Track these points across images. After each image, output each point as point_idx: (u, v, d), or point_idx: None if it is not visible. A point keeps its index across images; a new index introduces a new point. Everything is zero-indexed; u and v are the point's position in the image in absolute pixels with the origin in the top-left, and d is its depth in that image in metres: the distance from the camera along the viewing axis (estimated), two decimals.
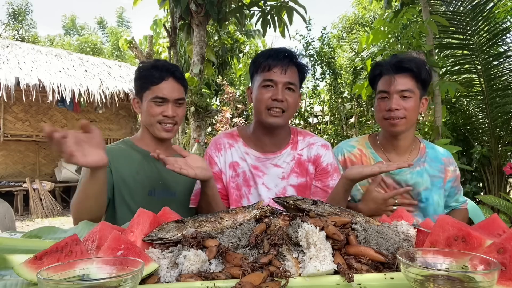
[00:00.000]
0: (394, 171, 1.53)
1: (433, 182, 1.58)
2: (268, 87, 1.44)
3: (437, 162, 1.61)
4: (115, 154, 1.53)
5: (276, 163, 1.54)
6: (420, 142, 1.66)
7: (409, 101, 1.50)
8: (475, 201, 3.09)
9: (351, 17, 11.73)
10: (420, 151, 1.62)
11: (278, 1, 4.49)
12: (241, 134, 1.61)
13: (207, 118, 5.75)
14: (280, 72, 1.42)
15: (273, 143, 1.55)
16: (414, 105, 1.50)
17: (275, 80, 1.43)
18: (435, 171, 1.60)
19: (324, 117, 9.97)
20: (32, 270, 0.70)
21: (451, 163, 1.64)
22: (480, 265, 0.62)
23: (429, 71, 1.54)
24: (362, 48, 4.71)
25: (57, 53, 8.88)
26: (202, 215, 0.95)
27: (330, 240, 0.78)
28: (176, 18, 5.34)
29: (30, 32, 19.97)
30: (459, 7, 3.99)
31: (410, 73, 1.50)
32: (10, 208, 2.22)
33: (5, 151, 8.38)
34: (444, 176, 1.61)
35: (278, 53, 1.45)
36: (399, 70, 1.50)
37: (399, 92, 1.49)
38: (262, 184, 1.53)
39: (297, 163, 1.56)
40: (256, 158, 1.54)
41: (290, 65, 1.45)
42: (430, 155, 1.62)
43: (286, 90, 1.45)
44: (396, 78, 1.49)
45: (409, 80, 1.50)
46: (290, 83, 1.44)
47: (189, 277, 0.72)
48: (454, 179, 1.64)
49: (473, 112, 4.65)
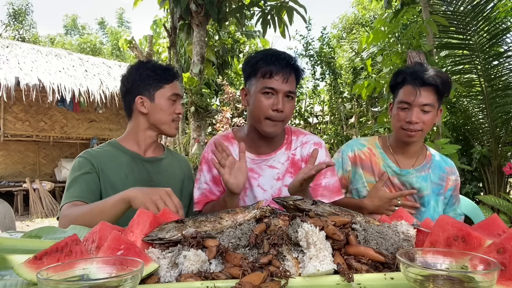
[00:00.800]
0: (401, 172, 1.62)
1: (433, 189, 1.65)
2: (268, 94, 1.39)
3: (440, 170, 1.67)
4: (102, 158, 1.51)
5: (271, 164, 1.53)
6: (427, 149, 1.72)
7: (428, 115, 1.53)
8: (475, 201, 3.09)
9: (351, 17, 11.74)
10: (427, 157, 1.68)
11: (278, 1, 4.49)
12: (236, 137, 1.59)
13: (207, 118, 5.75)
14: (282, 81, 1.38)
15: (268, 145, 1.54)
16: (432, 118, 1.54)
17: (276, 89, 1.38)
18: (436, 179, 1.66)
19: (324, 117, 9.97)
20: (32, 270, 0.70)
21: (453, 173, 1.70)
22: (480, 265, 0.62)
23: (451, 85, 1.57)
24: (362, 48, 4.70)
25: (57, 53, 8.88)
26: (202, 215, 0.95)
27: (330, 240, 0.78)
28: (176, 18, 5.34)
29: (31, 32, 19.98)
30: (459, 7, 3.99)
31: (434, 88, 1.51)
32: (10, 208, 2.22)
33: (5, 151, 8.38)
34: (445, 184, 1.67)
35: (279, 59, 1.39)
36: (424, 84, 1.51)
37: (420, 106, 1.51)
38: (258, 186, 1.51)
39: (291, 163, 1.54)
40: (251, 161, 1.52)
41: (292, 72, 1.41)
42: (435, 162, 1.68)
43: (286, 98, 1.41)
44: (421, 91, 1.50)
45: (431, 94, 1.52)
46: (291, 92, 1.41)
47: (189, 277, 0.72)
48: (454, 188, 1.69)
49: (473, 112, 4.64)
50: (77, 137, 8.78)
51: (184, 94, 5.54)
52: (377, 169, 1.66)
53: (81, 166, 1.48)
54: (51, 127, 8.45)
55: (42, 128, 8.32)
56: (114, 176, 1.51)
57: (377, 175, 1.65)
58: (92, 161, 1.50)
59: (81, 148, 9.15)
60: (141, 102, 1.56)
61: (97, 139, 8.79)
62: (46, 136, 8.35)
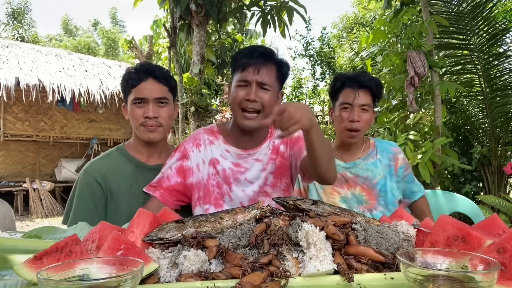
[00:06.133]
0: (348, 165, 1.76)
1: (387, 170, 1.77)
2: (242, 86, 1.41)
3: (387, 152, 1.81)
4: (106, 170, 1.52)
5: (257, 157, 1.52)
6: (369, 140, 1.87)
7: (367, 114, 1.72)
8: (475, 201, 3.09)
9: (351, 17, 11.73)
10: (371, 146, 1.83)
11: (278, 1, 4.49)
12: (221, 131, 1.57)
13: (207, 118, 5.75)
14: (253, 72, 1.39)
15: (252, 140, 1.53)
16: (369, 118, 1.74)
17: (248, 80, 1.39)
18: (386, 161, 1.79)
19: (324, 117, 9.97)
20: (32, 270, 0.70)
21: (400, 152, 1.84)
22: (480, 265, 0.62)
23: (382, 89, 1.79)
24: (362, 48, 4.70)
25: (57, 53, 8.88)
26: (202, 215, 0.95)
27: (330, 240, 0.79)
28: (176, 18, 5.34)
29: (30, 32, 19.98)
30: (459, 7, 3.99)
31: (369, 90, 1.71)
32: (10, 208, 2.22)
33: (5, 151, 8.38)
34: (394, 163, 1.79)
35: (252, 51, 1.41)
36: (361, 86, 1.70)
37: (360, 106, 1.70)
38: (245, 179, 1.50)
39: (273, 151, 1.54)
40: (237, 156, 1.51)
41: (265, 64, 1.40)
42: (379, 147, 1.82)
43: (260, 89, 1.41)
44: (359, 93, 1.70)
45: (368, 96, 1.72)
46: (263, 83, 1.40)
47: (189, 277, 0.72)
48: (405, 165, 1.81)
49: (473, 112, 4.64)
50: (77, 137, 8.78)
51: (184, 94, 5.53)
52: None
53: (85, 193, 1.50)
54: (51, 127, 8.45)
55: (42, 128, 8.32)
56: (119, 186, 1.51)
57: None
58: (97, 178, 1.50)
59: (81, 148, 9.16)
60: (125, 109, 1.59)
61: (97, 139, 8.79)
62: (46, 136, 8.34)
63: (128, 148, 1.62)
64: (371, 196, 1.73)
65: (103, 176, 1.51)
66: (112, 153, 1.61)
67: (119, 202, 1.51)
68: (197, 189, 1.51)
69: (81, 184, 1.52)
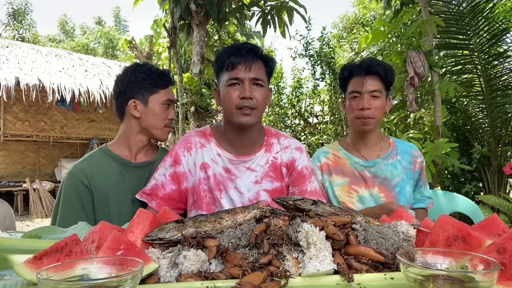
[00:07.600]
0: (368, 164, 1.70)
1: (406, 173, 1.72)
2: (234, 85, 1.39)
3: (407, 154, 1.76)
4: (92, 171, 1.51)
5: (249, 166, 1.48)
6: (388, 138, 1.81)
7: (378, 100, 1.65)
8: (475, 201, 3.09)
9: (351, 16, 11.73)
10: (391, 145, 1.77)
11: (278, 1, 4.49)
12: (214, 133, 1.52)
13: (207, 118, 5.75)
14: (245, 69, 1.37)
15: (246, 144, 1.49)
16: (382, 104, 1.66)
17: (240, 78, 1.37)
18: (407, 163, 1.74)
19: (324, 117, 9.96)
20: (32, 270, 0.70)
21: (420, 156, 1.79)
22: (480, 265, 0.62)
23: (394, 74, 1.71)
24: (362, 48, 4.70)
25: (57, 53, 8.88)
26: (202, 215, 0.95)
27: (330, 240, 0.78)
28: (176, 18, 5.33)
29: (31, 32, 19.99)
30: (459, 7, 3.99)
31: (378, 76, 1.65)
32: (10, 208, 2.22)
33: (5, 151, 8.38)
34: (413, 167, 1.75)
35: (240, 49, 1.39)
36: (369, 72, 1.64)
37: (369, 93, 1.64)
38: (235, 188, 1.46)
39: (272, 167, 1.49)
40: (229, 161, 1.47)
41: (255, 60, 1.39)
42: (400, 148, 1.77)
43: (254, 86, 1.39)
44: (367, 80, 1.64)
45: (377, 82, 1.65)
46: (256, 79, 1.39)
47: (189, 277, 0.72)
48: (420, 170, 1.77)
49: (473, 112, 4.64)
50: (77, 137, 8.78)
51: (184, 94, 5.53)
52: (346, 170, 1.72)
53: (71, 196, 1.48)
54: (51, 127, 8.45)
55: (42, 128, 8.32)
56: (106, 186, 1.50)
57: (347, 175, 1.71)
58: (83, 179, 1.49)
59: (81, 148, 9.16)
60: (134, 105, 1.55)
61: (97, 139, 8.79)
62: (46, 136, 8.35)
63: (112, 147, 1.60)
64: (389, 198, 1.66)
65: (89, 177, 1.49)
66: (95, 154, 1.60)
67: (108, 202, 1.50)
68: (191, 194, 1.49)
69: (66, 187, 1.50)
